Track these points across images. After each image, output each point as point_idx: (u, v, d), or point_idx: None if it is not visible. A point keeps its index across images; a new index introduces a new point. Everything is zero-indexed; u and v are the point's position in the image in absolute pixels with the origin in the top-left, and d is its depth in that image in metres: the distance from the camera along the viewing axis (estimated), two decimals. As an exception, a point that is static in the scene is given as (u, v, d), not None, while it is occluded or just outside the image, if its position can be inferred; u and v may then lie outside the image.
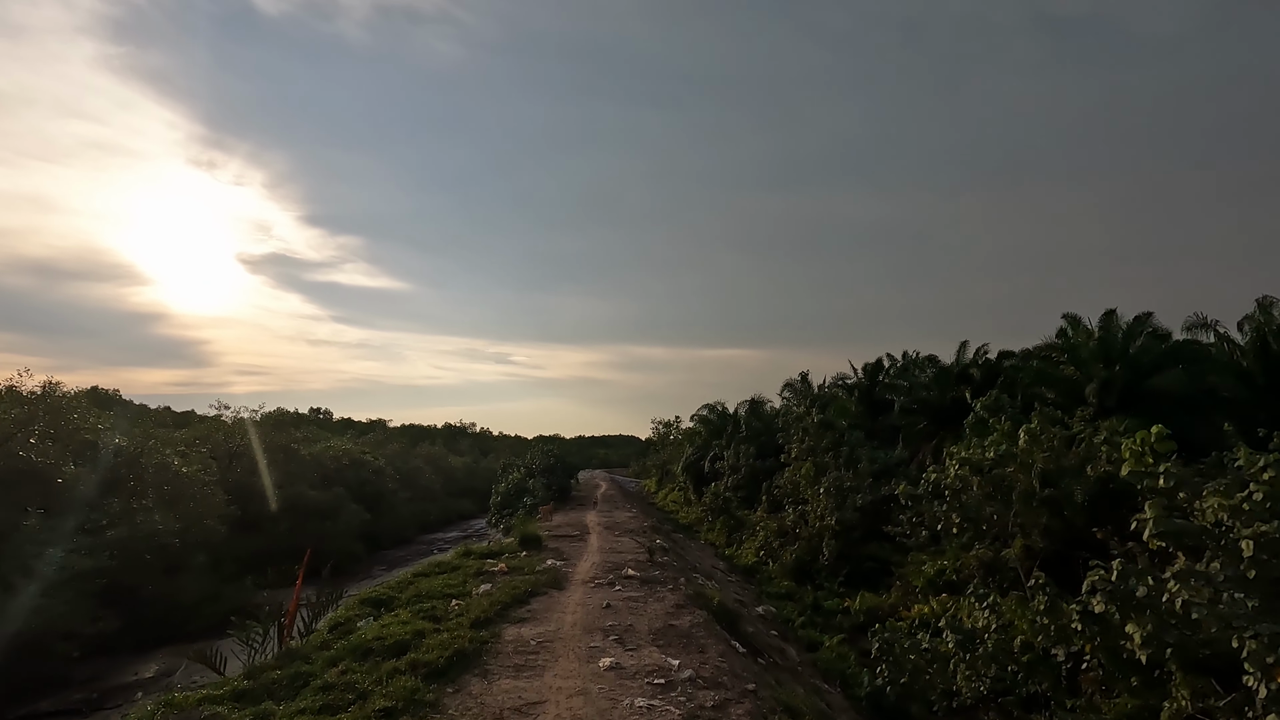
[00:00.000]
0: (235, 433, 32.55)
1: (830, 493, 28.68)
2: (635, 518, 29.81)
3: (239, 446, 32.94)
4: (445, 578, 14.67)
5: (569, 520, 28.03)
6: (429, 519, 53.42)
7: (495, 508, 33.81)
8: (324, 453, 35.92)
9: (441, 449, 71.78)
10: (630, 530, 24.24)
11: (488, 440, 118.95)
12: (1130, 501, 17.37)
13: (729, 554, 35.73)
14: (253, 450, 32.91)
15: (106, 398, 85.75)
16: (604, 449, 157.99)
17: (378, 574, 33.23)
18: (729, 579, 24.93)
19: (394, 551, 40.90)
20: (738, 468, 45.95)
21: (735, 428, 51.14)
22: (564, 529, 24.70)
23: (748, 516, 40.48)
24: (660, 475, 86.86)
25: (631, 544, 20.52)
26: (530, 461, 40.37)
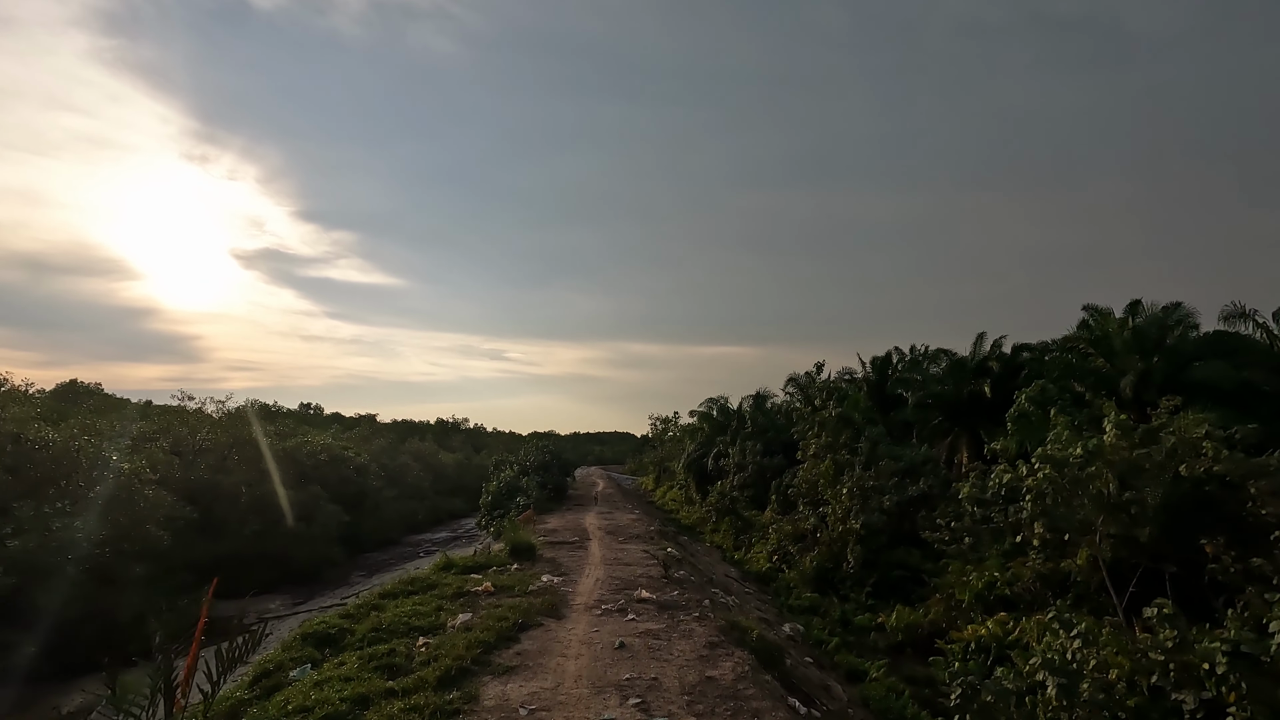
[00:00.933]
0: (199, 426, 29.69)
1: (854, 493, 25.99)
2: (639, 520, 27.15)
3: (205, 441, 30.08)
4: (416, 600, 11.94)
5: (566, 523, 25.35)
6: (417, 519, 50.56)
7: (485, 508, 31.14)
8: (299, 448, 33.14)
9: (432, 445, 68.86)
10: (636, 535, 21.58)
11: (481, 436, 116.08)
12: (1220, 508, 14.88)
13: (738, 559, 33.13)
14: (220, 445, 30.08)
15: (86, 391, 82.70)
16: (600, 446, 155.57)
17: (356, 581, 30.44)
18: (745, 590, 22.26)
19: (377, 555, 38.11)
20: (744, 465, 43.38)
21: (740, 423, 48.53)
22: (561, 534, 22.02)
23: (756, 517, 37.98)
24: (658, 472, 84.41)
25: (639, 553, 17.86)
26: (524, 458, 37.64)
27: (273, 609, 25.27)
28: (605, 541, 20.24)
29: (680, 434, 74.98)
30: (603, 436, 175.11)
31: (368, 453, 49.97)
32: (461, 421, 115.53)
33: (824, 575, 25.24)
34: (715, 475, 47.11)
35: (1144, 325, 27.38)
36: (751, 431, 46.74)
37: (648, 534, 22.27)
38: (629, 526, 24.39)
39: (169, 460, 27.99)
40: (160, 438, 28.73)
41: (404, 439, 66.05)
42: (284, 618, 23.35)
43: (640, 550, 18.28)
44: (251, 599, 26.60)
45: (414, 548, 41.80)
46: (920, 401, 36.94)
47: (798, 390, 52.25)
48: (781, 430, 46.08)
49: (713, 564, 27.46)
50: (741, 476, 42.52)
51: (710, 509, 41.38)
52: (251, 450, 30.78)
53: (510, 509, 30.00)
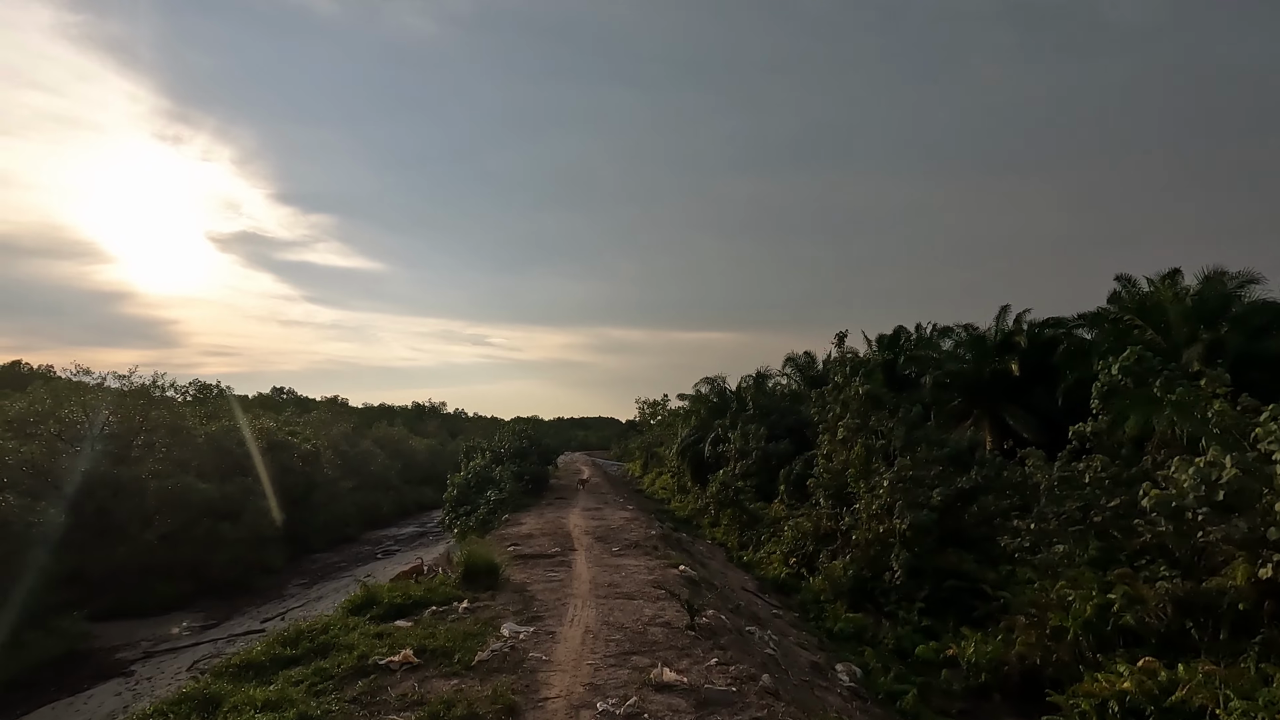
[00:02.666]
0: (98, 406, 24.35)
1: (896, 486, 21.40)
2: (634, 519, 22.32)
3: (107, 425, 24.70)
4: (286, 686, 7.02)
5: (545, 525, 20.46)
6: (380, 512, 45.40)
7: (450, 504, 26.22)
8: (225, 433, 27.83)
9: (402, 430, 63.51)
10: (634, 543, 16.73)
11: (459, 422, 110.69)
12: None
13: (747, 560, 28.53)
14: (126, 430, 24.74)
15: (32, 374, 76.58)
16: (584, 431, 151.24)
17: (292, 592, 25.34)
18: (772, 609, 17.54)
19: (327, 555, 33.00)
20: (747, 452, 38.73)
21: (741, 405, 43.86)
22: (537, 541, 17.14)
23: (763, 510, 33.42)
24: (646, 458, 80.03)
25: (642, 574, 13.03)
26: (498, 444, 32.63)
27: (175, 634, 20.17)
28: (595, 554, 15.38)
29: (670, 418, 70.45)
30: (587, 421, 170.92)
31: (326, 439, 44.66)
32: (439, 406, 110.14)
33: (861, 586, 20.69)
34: (713, 462, 42.56)
35: (1206, 292, 23.59)
36: (754, 414, 42.21)
37: (648, 540, 17.43)
38: (623, 529, 19.56)
39: (50, 448, 22.67)
40: (47, 421, 23.36)
41: (371, 424, 60.66)
42: (180, 649, 18.23)
43: (643, 569, 13.47)
44: (151, 620, 21.51)
45: (373, 546, 36.69)
46: (938, 381, 32.61)
47: (796, 371, 48.20)
48: (785, 414, 41.73)
49: (723, 570, 22.75)
50: (744, 464, 37.93)
51: (710, 501, 36.79)
52: (165, 436, 25.50)
53: (479, 505, 25.09)
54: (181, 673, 15.61)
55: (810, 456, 34.34)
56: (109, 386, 25.74)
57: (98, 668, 16.70)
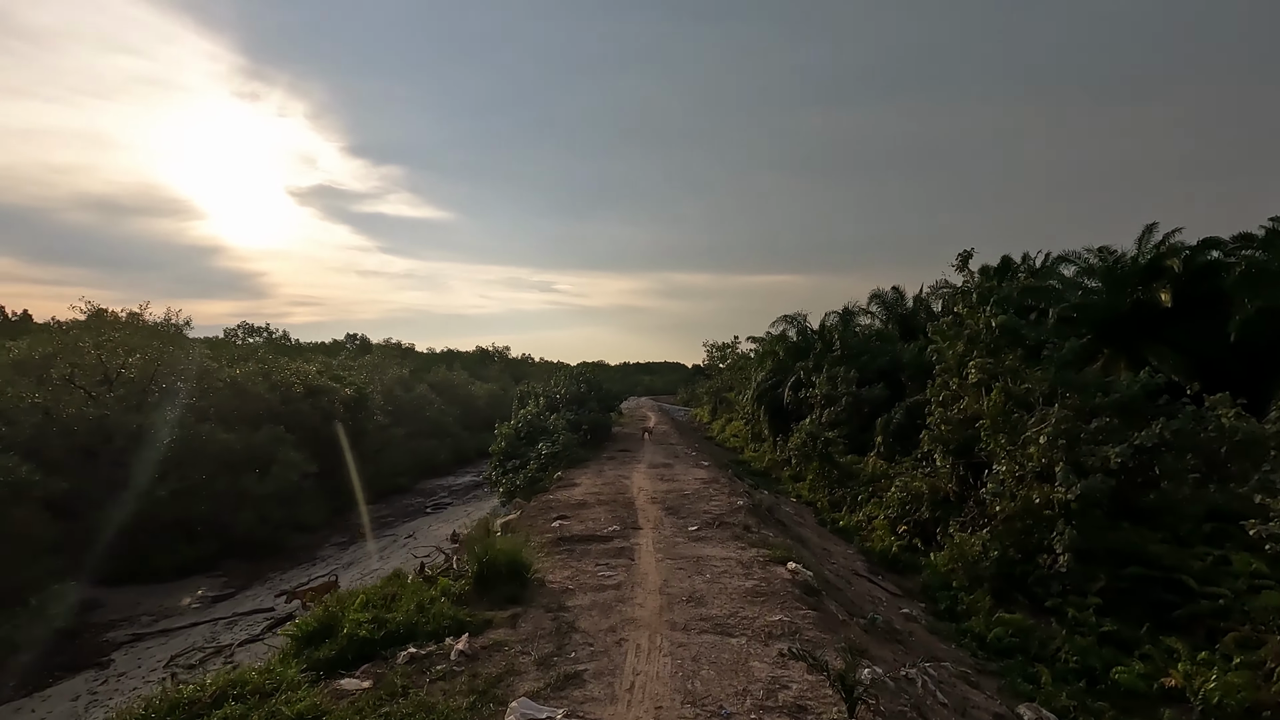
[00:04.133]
0: (119, 348, 21.86)
1: (1057, 443, 16.68)
2: (712, 478, 18.21)
3: (126, 367, 22.23)
4: None
5: (603, 487, 16.63)
6: (436, 460, 43.14)
7: (497, 457, 22.88)
8: (251, 377, 25.06)
9: (461, 374, 61.19)
10: (718, 518, 12.61)
11: (522, 366, 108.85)
12: None
13: (842, 525, 24.20)
14: (143, 375, 22.19)
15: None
16: (649, 376, 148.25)
17: (326, 554, 22.72)
18: (900, 609, 13.24)
19: (375, 508, 30.57)
20: (835, 397, 33.97)
21: (826, 346, 38.75)
22: (590, 514, 13.31)
23: (856, 465, 28.93)
24: (715, 403, 75.97)
25: (737, 577, 8.87)
26: (553, 389, 29.02)
27: (185, 604, 17.65)
28: (666, 535, 11.37)
29: (741, 361, 65.79)
30: (652, 366, 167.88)
31: (379, 384, 42.33)
32: (503, 350, 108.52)
33: (1008, 571, 16.16)
34: (794, 409, 37.98)
35: None
36: (841, 355, 37.07)
37: (733, 514, 13.29)
38: (700, 495, 15.48)
39: (58, 393, 20.29)
40: (54, 365, 21.01)
41: (429, 368, 58.52)
42: (174, 631, 15.51)
43: (736, 566, 9.34)
44: (166, 587, 19.20)
45: (424, 498, 34.20)
46: (1064, 315, 26.83)
47: (883, 309, 42.61)
48: (877, 355, 36.48)
49: (823, 544, 18.53)
50: (832, 411, 33.24)
51: (793, 453, 32.45)
52: (187, 381, 22.93)
53: (529, 459, 21.56)
54: (158, 668, 12.83)
55: (913, 404, 29.56)
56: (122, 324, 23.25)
57: (78, 653, 14.22)
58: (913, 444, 28.07)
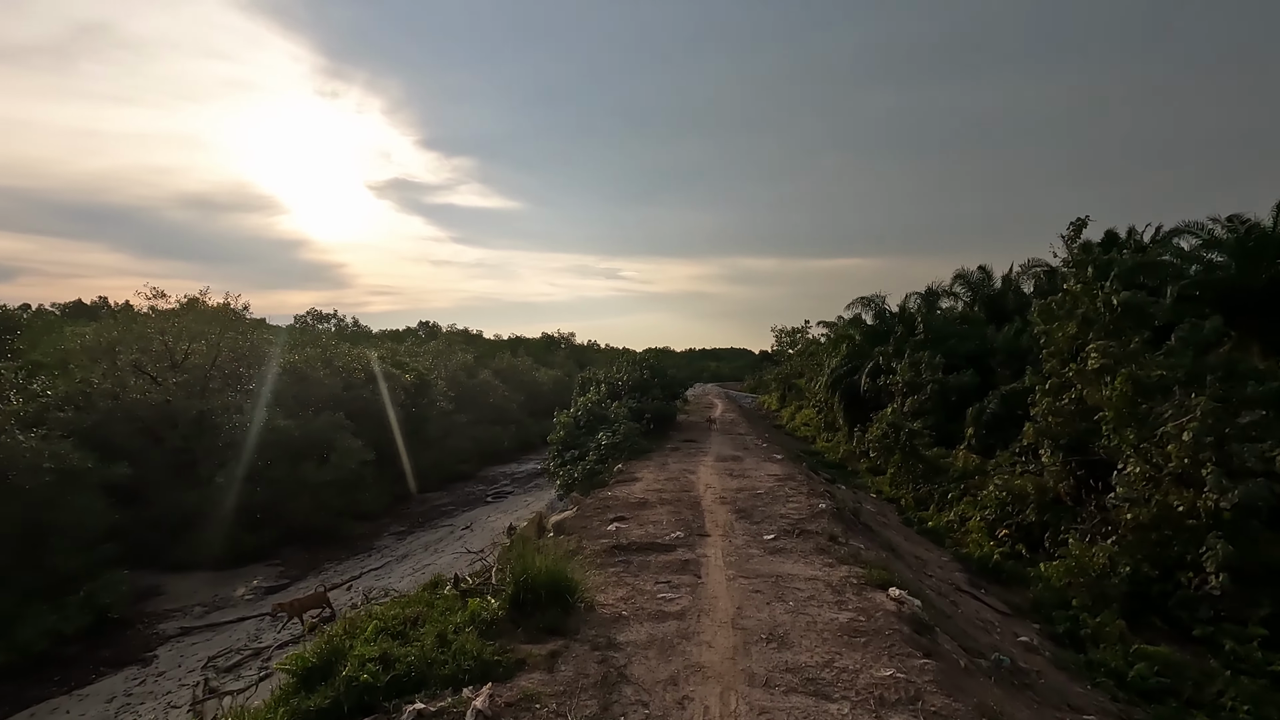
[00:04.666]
0: (183, 333, 21.86)
1: (1204, 441, 14.30)
2: (788, 474, 16.41)
3: (188, 351, 22.21)
4: None
5: (666, 483, 15.15)
6: (500, 447, 42.78)
7: (556, 447, 21.77)
8: (313, 362, 24.70)
9: (526, 360, 60.93)
10: (798, 526, 10.88)
11: (588, 353, 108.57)
12: None
13: (932, 525, 21.98)
14: (203, 360, 22.12)
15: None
16: (715, 362, 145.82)
17: (383, 544, 22.20)
18: (1016, 634, 11.22)
19: (436, 496, 30.24)
20: (919, 385, 31.52)
21: (908, 330, 35.98)
22: (650, 518, 11.82)
23: (943, 459, 26.49)
24: (783, 390, 73.39)
25: (827, 607, 7.19)
26: (614, 376, 27.70)
27: (239, 594, 17.27)
28: (738, 545, 9.76)
29: (811, 347, 62.99)
30: (718, 353, 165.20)
31: (443, 370, 42.19)
32: (568, 336, 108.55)
33: (1141, 590, 13.89)
34: (872, 397, 35.52)
35: None
36: (924, 340, 34.36)
37: (815, 518, 11.54)
38: (775, 494, 13.77)
39: (123, 378, 20.33)
40: (117, 351, 21.13)
41: (496, 354, 58.43)
42: (222, 626, 15.01)
43: (826, 591, 7.65)
44: (224, 574, 18.96)
45: (486, 485, 33.68)
46: (1184, 294, 23.47)
47: (968, 290, 39.41)
48: (965, 339, 33.58)
49: (914, 550, 16.49)
50: (915, 400, 30.80)
51: (872, 444, 30.16)
52: (248, 366, 22.78)
53: (588, 450, 20.33)
54: (197, 669, 12.24)
55: (1009, 392, 26.94)
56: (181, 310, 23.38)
57: (126, 645, 13.91)
58: (1009, 437, 25.56)
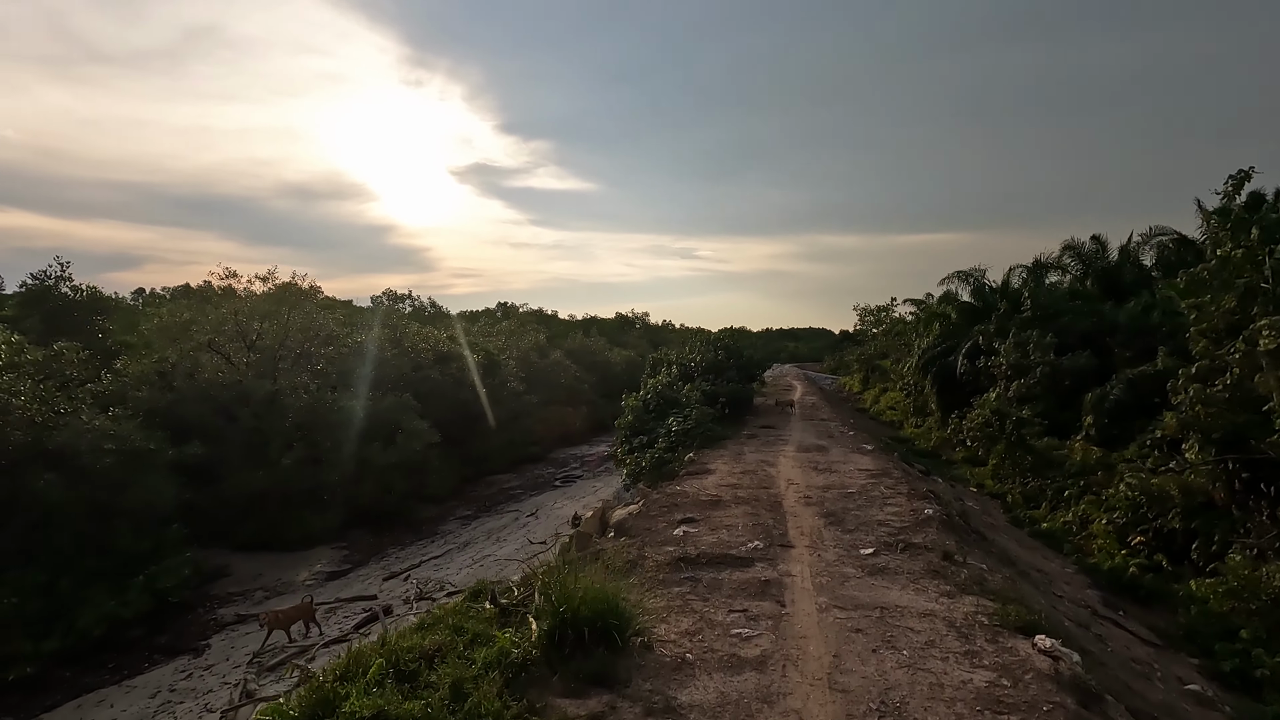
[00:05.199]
0: (254, 312, 21.84)
1: None
2: (881, 468, 14.42)
3: (259, 330, 22.21)
4: None
5: (741, 479, 13.53)
6: (572, 428, 42.13)
7: (624, 432, 20.49)
8: (381, 343, 24.29)
9: (599, 340, 60.12)
10: (900, 538, 9.04)
11: (662, 333, 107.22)
12: None
13: (1045, 528, 19.55)
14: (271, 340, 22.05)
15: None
16: (794, 342, 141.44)
17: (448, 528, 21.63)
18: (1167, 663, 9.08)
19: (505, 478, 29.69)
20: (1026, 367, 28.54)
21: (1014, 306, 32.63)
22: (723, 521, 10.23)
23: (1055, 451, 23.77)
24: (866, 372, 69.83)
25: (954, 660, 5.55)
26: (687, 357, 26.13)
27: (301, 580, 16.93)
28: (829, 562, 8.06)
29: (898, 326, 59.24)
30: (796, 333, 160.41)
31: (515, 350, 41.77)
32: (642, 316, 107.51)
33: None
34: (969, 380, 32.53)
35: None
36: (1032, 317, 31.10)
37: (921, 527, 9.70)
38: (870, 491, 11.91)
39: (198, 359, 20.41)
40: (197, 328, 21.27)
41: (567, 334, 57.93)
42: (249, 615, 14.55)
43: (945, 627, 5.95)
44: (291, 556, 18.76)
45: (555, 468, 32.95)
46: None
47: (1079, 263, 35.48)
48: (1080, 315, 30.10)
49: (1022, 550, 14.26)
50: (1022, 384, 27.84)
51: (972, 432, 27.47)
52: (318, 345, 22.59)
53: (658, 436, 18.94)
54: (243, 664, 11.70)
55: (1138, 376, 23.84)
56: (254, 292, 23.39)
57: (182, 632, 13.66)
58: (1137, 428, 22.58)
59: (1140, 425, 22.60)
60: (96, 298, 22.21)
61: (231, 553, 18.90)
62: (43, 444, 13.28)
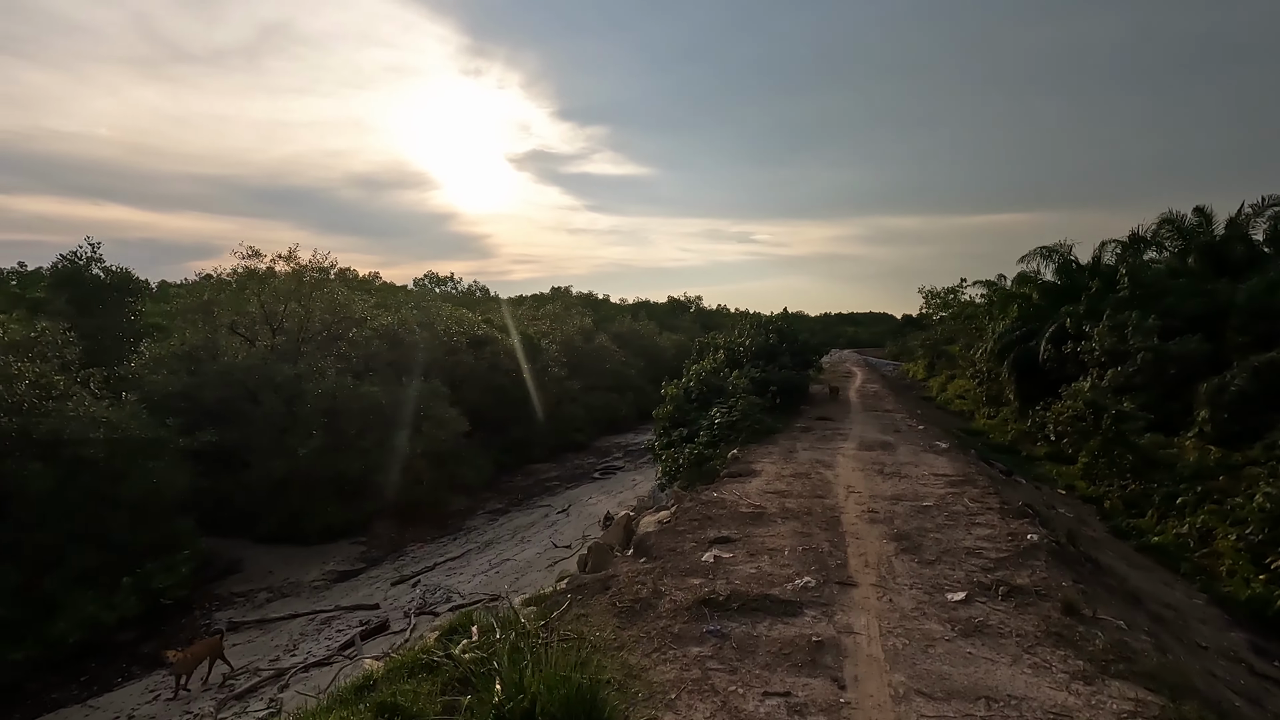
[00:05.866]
0: (276, 293, 20.84)
1: None
2: (960, 474, 12.04)
3: (283, 312, 21.21)
4: None
5: (792, 486, 11.41)
6: (617, 415, 40.45)
7: (663, 423, 18.54)
8: (407, 325, 22.93)
9: (647, 324, 58.21)
10: (995, 574, 6.90)
11: (716, 316, 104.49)
12: None
13: (1155, 541, 16.86)
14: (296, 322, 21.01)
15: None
16: (853, 327, 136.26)
17: (474, 524, 20.23)
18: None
19: (544, 467, 28.22)
20: (1124, 353, 25.47)
21: (1107, 285, 29.14)
22: (766, 543, 8.16)
23: (1164, 450, 20.89)
24: (931, 358, 65.86)
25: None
26: (735, 342, 23.94)
27: (309, 581, 15.76)
28: (908, 613, 6.01)
29: (969, 309, 55.16)
30: (856, 317, 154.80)
31: (559, 334, 40.28)
32: (694, 300, 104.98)
33: None
34: (1054, 367, 29.38)
35: None
36: (1130, 297, 27.78)
37: (1022, 555, 7.50)
38: (950, 504, 9.64)
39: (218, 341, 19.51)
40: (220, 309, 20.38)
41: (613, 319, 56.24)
42: (272, 623, 13.27)
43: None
44: (308, 550, 17.68)
45: (598, 457, 31.34)
46: None
47: (1177, 238, 31.84)
48: (1185, 295, 26.72)
49: (1140, 577, 11.73)
50: (1120, 373, 24.77)
51: (1062, 426, 24.53)
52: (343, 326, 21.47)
53: (700, 428, 16.98)
54: (214, 689, 10.44)
55: (1265, 364, 20.86)
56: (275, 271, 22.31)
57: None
58: (1265, 424, 19.68)
59: (1271, 421, 19.57)
60: (127, 278, 21.69)
61: (252, 545, 18.02)
62: (29, 431, 12.41)
